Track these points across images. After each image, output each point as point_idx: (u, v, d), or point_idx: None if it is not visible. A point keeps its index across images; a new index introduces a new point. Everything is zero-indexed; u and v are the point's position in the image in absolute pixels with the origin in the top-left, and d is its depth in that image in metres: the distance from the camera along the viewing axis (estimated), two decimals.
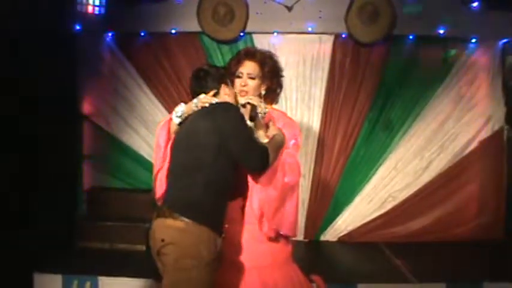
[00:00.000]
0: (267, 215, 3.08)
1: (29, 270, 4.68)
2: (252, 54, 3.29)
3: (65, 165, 5.62)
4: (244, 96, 3.19)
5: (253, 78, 3.22)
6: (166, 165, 3.07)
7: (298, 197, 3.22)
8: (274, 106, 3.41)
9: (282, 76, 3.37)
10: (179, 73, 5.96)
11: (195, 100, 2.98)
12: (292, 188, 3.13)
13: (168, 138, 3.10)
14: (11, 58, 4.53)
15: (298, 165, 3.19)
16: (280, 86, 3.39)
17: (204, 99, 2.95)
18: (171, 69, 5.99)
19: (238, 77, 3.24)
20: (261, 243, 3.17)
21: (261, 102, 3.09)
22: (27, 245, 4.63)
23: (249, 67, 3.23)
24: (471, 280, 4.68)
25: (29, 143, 4.88)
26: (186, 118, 2.98)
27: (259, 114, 3.02)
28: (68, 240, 5.53)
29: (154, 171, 3.14)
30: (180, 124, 3.00)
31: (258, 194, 3.07)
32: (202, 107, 2.92)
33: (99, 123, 6.13)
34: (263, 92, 3.28)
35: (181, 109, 3.01)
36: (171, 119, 3.06)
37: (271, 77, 3.28)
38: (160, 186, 3.13)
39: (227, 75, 3.15)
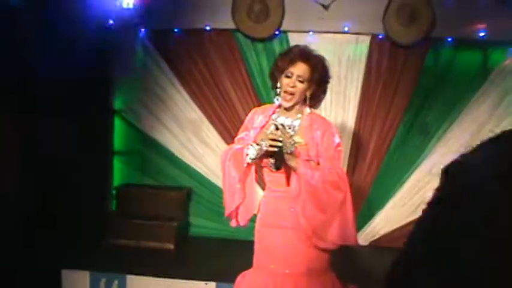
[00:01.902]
0: (319, 235, 3.03)
1: (57, 267, 4.67)
2: (307, 56, 3.19)
3: (95, 160, 5.61)
4: (289, 97, 3.14)
5: (302, 82, 3.13)
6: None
7: (352, 207, 3.14)
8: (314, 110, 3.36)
9: (328, 82, 3.30)
10: (212, 70, 5.88)
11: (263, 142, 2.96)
12: (341, 203, 3.06)
13: (244, 173, 3.10)
14: (43, 54, 4.52)
15: (343, 180, 3.11)
16: (325, 92, 3.32)
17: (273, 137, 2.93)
18: (205, 66, 5.90)
19: (287, 76, 3.16)
20: (297, 249, 3.10)
21: (291, 137, 3.04)
22: (56, 241, 4.63)
23: (300, 69, 3.13)
24: None
25: (60, 138, 4.87)
26: None
27: (286, 151, 2.97)
28: (96, 237, 5.50)
29: (234, 204, 3.13)
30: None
31: (305, 212, 3.01)
32: None
33: (131, 119, 6.09)
34: (308, 96, 3.20)
35: (252, 152, 3.00)
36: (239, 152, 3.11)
37: (319, 83, 3.21)
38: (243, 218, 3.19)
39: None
